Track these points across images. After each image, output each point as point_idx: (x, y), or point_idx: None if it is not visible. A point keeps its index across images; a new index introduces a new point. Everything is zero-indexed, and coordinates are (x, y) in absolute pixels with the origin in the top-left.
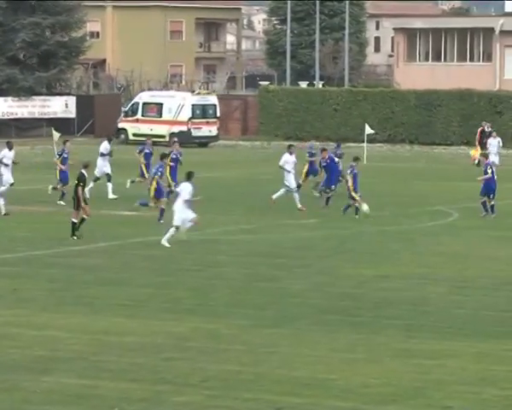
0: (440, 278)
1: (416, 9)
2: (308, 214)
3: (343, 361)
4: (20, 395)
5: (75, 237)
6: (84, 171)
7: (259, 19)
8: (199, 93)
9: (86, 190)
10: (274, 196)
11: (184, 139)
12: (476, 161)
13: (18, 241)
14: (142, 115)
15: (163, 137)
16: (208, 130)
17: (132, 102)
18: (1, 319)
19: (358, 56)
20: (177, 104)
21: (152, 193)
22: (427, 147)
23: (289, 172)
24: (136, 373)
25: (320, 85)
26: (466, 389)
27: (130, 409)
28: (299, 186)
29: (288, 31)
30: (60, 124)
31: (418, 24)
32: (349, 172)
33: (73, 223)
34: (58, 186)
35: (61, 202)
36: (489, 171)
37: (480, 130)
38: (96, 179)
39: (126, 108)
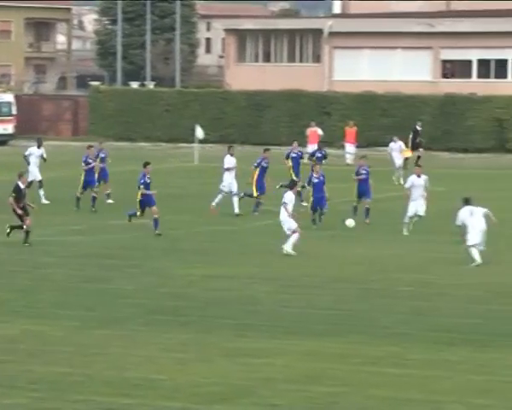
0: (269, 277)
1: (246, 11)
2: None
3: (173, 361)
4: None
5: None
6: (19, 182)
7: (90, 19)
8: None
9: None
10: (213, 203)
11: None
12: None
13: None
14: None
15: None
16: (3, 128)
17: None
18: None
19: (189, 57)
20: None
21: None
22: (257, 147)
23: (230, 173)
24: None
25: (151, 86)
26: (293, 387)
27: None
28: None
29: (119, 31)
30: None
31: (248, 25)
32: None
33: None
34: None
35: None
36: (362, 172)
37: (412, 130)
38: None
39: None
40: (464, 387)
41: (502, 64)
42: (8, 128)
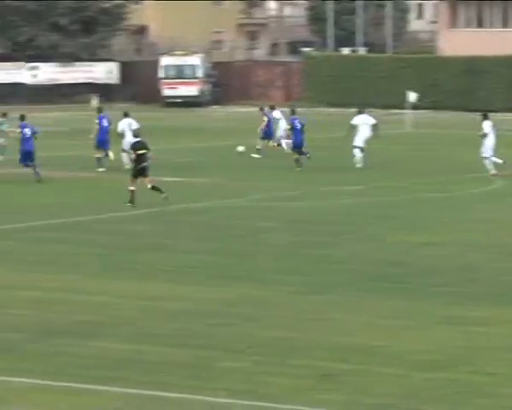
0: (488, 245)
1: None
2: (353, 181)
3: (389, 328)
4: (68, 359)
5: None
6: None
7: None
8: (173, 54)
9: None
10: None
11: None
12: None
13: (64, 207)
14: None
15: None
16: (187, 90)
17: None
18: (47, 284)
19: (400, 23)
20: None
21: None
22: (471, 114)
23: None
24: (182, 339)
25: (363, 52)
26: (510, 356)
27: (176, 374)
28: None
29: None
30: (102, 90)
31: None
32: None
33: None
34: None
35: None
36: None
37: None
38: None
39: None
40: None
41: None
42: (192, 90)
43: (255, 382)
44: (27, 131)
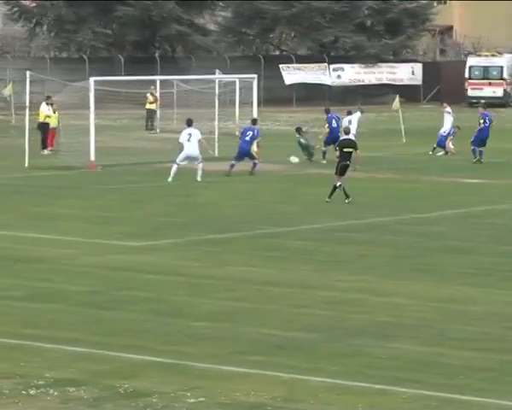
0: None
1: None
2: None
3: None
4: (365, 359)
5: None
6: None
7: None
8: (479, 54)
9: None
10: None
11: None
12: None
13: (362, 207)
14: None
15: None
16: (492, 91)
17: None
18: (345, 284)
19: None
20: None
21: None
22: None
23: None
24: (480, 342)
25: None
26: None
27: (473, 377)
28: None
29: None
30: (406, 91)
31: None
32: None
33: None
34: None
35: None
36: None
37: None
38: None
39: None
40: None
41: None
42: (497, 91)
43: None
44: (249, 133)
